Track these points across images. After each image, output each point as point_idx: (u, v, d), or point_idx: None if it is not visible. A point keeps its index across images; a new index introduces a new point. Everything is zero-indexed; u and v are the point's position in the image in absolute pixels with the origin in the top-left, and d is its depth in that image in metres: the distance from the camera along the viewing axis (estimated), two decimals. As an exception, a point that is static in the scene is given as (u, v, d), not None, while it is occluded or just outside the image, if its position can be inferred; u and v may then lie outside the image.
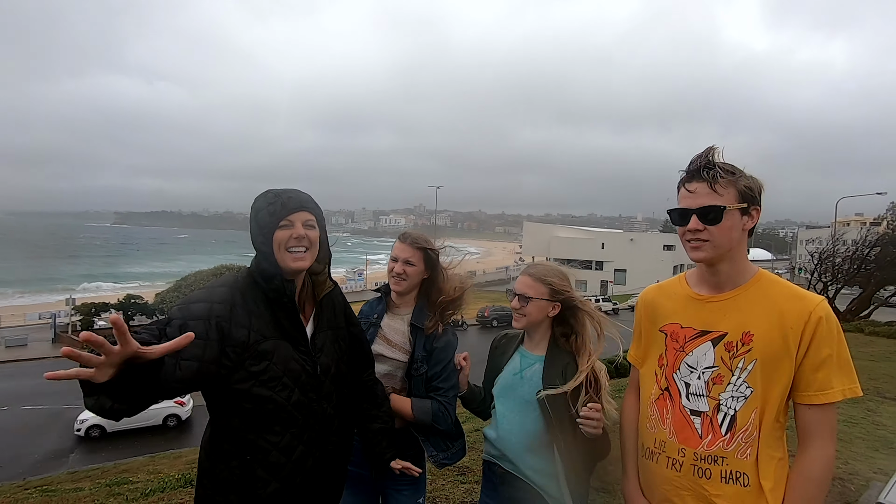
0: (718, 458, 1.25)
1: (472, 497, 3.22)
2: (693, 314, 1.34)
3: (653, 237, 63.50)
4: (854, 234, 19.50)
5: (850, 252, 18.65)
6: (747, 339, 1.24)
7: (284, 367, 1.35)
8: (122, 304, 27.90)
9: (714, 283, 1.33)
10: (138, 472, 7.95)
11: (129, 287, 43.90)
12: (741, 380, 1.24)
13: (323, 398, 1.43)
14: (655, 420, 1.37)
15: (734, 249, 1.27)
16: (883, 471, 3.98)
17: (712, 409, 1.27)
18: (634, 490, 1.45)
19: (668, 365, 1.37)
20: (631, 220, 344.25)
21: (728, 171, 1.24)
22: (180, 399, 14.78)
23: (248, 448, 1.32)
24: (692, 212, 1.25)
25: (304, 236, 1.38)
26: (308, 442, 1.39)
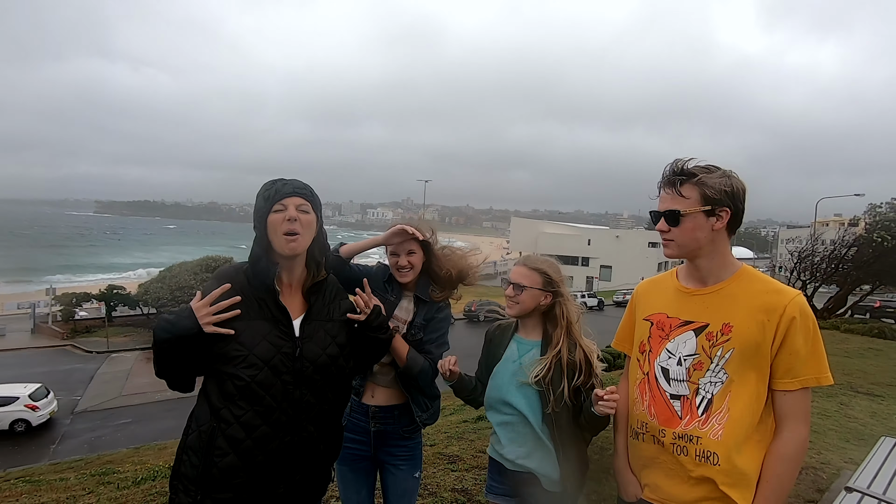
0: (694, 437, 1.35)
1: (462, 484, 3.31)
2: (679, 305, 1.45)
3: (638, 234, 64.25)
4: (833, 235, 19.99)
5: (829, 252, 19.14)
6: (727, 329, 1.34)
7: (251, 346, 1.40)
8: (104, 295, 27.42)
9: (698, 277, 1.43)
10: (123, 462, 7.92)
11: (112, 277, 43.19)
12: (719, 367, 1.34)
13: (302, 384, 1.44)
14: (639, 402, 1.48)
15: (706, 247, 1.37)
16: (853, 460, 4.16)
17: (692, 393, 1.37)
18: (623, 466, 1.56)
19: (651, 351, 1.47)
20: (617, 218, 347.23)
21: (692, 175, 1.34)
22: (33, 403, 14.37)
23: (214, 416, 1.40)
24: (660, 215, 1.39)
25: (295, 218, 1.42)
26: (275, 424, 1.40)
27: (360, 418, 1.96)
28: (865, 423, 5.58)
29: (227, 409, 1.38)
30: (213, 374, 1.42)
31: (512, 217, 74.71)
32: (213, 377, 1.42)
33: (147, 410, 15.72)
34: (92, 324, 27.25)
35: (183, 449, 1.44)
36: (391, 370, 1.95)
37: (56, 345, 24.53)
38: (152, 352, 1.45)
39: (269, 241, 1.45)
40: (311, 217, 1.48)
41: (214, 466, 1.37)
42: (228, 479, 1.37)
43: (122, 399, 17.08)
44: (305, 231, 1.45)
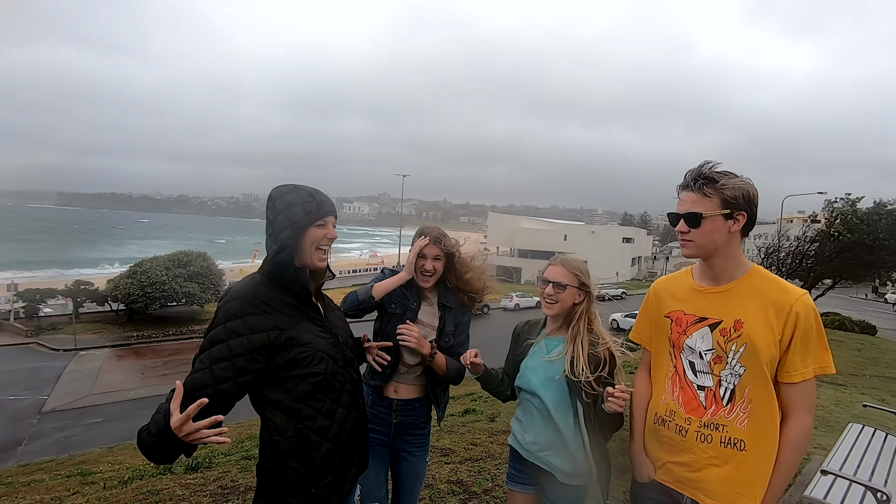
0: (720, 425, 1.45)
1: (457, 476, 3.38)
2: (695, 303, 1.54)
3: (612, 230, 65.51)
4: (797, 231, 20.83)
5: (793, 248, 19.94)
6: (738, 325, 1.44)
7: (313, 345, 1.49)
8: (71, 291, 26.49)
9: (712, 276, 1.53)
10: (98, 463, 7.72)
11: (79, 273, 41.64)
12: (735, 360, 1.44)
13: (348, 365, 1.61)
14: (668, 393, 1.57)
15: (722, 248, 1.47)
16: (822, 446, 4.41)
17: (715, 385, 1.47)
18: (640, 451, 1.66)
19: (675, 346, 1.57)
20: (592, 213, 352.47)
21: (713, 180, 1.43)
22: None
23: (294, 418, 1.47)
24: (680, 216, 1.47)
25: (334, 238, 1.58)
26: (346, 405, 1.56)
27: (382, 411, 2.09)
28: (831, 411, 5.90)
29: (307, 406, 1.49)
30: (278, 383, 1.47)
31: (489, 212, 75.05)
32: (278, 386, 1.47)
33: (120, 409, 15.29)
34: (58, 321, 26.25)
35: (275, 462, 1.48)
36: (416, 370, 2.08)
37: (19, 342, 23.54)
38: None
39: (298, 251, 1.51)
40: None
41: (316, 459, 1.48)
42: (329, 464, 1.51)
43: (92, 398, 16.55)
44: (330, 250, 1.62)
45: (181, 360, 20.49)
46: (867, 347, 13.80)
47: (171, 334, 24.65)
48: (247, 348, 1.39)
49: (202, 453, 5.52)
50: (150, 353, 21.56)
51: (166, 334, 24.60)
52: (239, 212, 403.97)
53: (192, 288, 26.12)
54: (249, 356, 1.39)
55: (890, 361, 11.79)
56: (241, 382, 1.39)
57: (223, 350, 1.38)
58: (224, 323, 1.41)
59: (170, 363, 20.05)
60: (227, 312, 1.42)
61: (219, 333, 1.40)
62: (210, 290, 27.24)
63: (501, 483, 3.25)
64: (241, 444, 6.59)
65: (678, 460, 1.53)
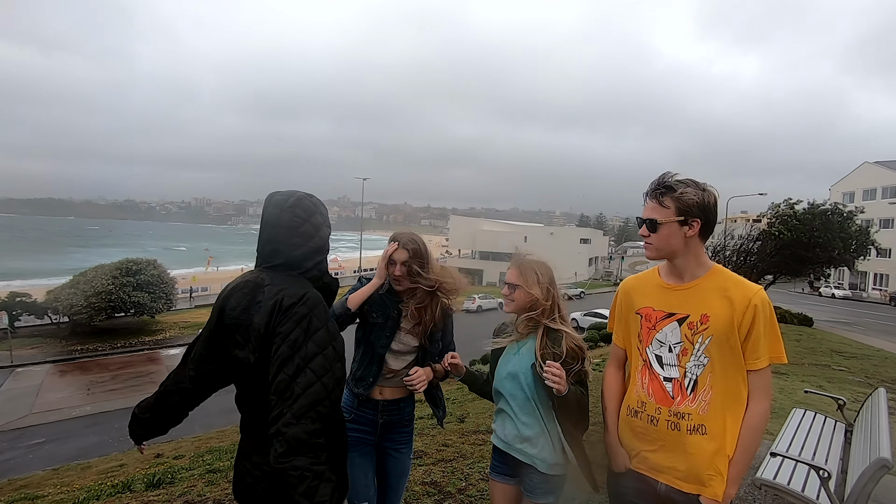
0: (685, 414, 1.56)
1: (431, 477, 3.41)
2: (663, 299, 1.66)
3: (571, 231, 67.23)
4: (741, 230, 22.06)
5: (738, 246, 21.12)
6: (704, 319, 1.56)
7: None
8: (5, 303, 24.59)
9: (677, 275, 1.65)
10: (42, 486, 7.25)
11: (12, 284, 38.77)
12: (701, 351, 1.56)
13: None
14: (639, 385, 1.67)
15: (681, 250, 1.59)
16: (770, 431, 4.71)
17: (681, 376, 1.58)
18: (614, 441, 1.75)
19: (644, 341, 1.67)
20: (550, 215, 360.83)
21: (672, 189, 1.56)
22: None
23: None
24: (642, 221, 1.62)
25: None
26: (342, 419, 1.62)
27: (368, 412, 2.12)
28: (776, 399, 6.30)
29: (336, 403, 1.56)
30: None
31: (451, 215, 75.45)
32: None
33: (63, 428, 14.36)
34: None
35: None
36: (402, 373, 2.12)
37: (-54, 361, 21.73)
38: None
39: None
40: None
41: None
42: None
43: (32, 417, 15.45)
44: None
45: (130, 373, 19.44)
46: (805, 338, 14.79)
47: (119, 347, 23.33)
48: (343, 347, 1.45)
49: (161, 469, 5.29)
50: (96, 368, 20.32)
51: (113, 347, 23.25)
52: (191, 217, 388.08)
53: (142, 297, 24.85)
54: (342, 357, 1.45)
55: (825, 350, 12.69)
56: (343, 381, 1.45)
57: (333, 352, 1.38)
58: (325, 326, 1.38)
59: (118, 377, 18.97)
60: (321, 315, 1.39)
61: (323, 336, 1.36)
62: (161, 300, 26.01)
63: (475, 482, 3.31)
64: (202, 458, 6.36)
65: (651, 448, 1.63)
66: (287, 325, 1.34)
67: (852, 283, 43.37)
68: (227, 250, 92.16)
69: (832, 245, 19.35)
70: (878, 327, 22.62)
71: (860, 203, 35.53)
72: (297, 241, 1.48)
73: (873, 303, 37.15)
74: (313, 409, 1.26)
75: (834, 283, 42.16)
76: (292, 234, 1.48)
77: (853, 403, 5.02)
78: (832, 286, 41.21)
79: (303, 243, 1.49)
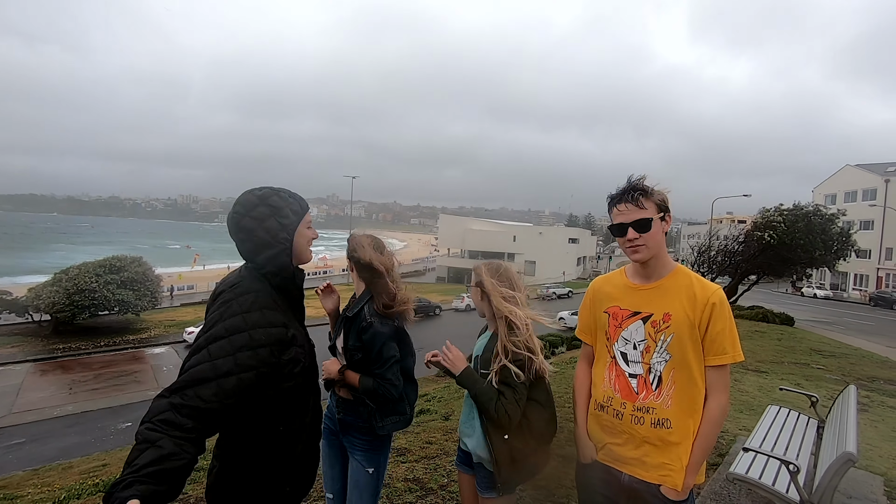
0: (650, 408, 1.62)
1: (413, 474, 3.44)
2: (629, 299, 1.72)
3: (559, 231, 67.63)
4: (726, 231, 22.41)
5: (723, 246, 21.45)
6: (667, 318, 1.62)
7: (304, 345, 1.55)
8: (-16, 302, 24.16)
9: (644, 275, 1.71)
10: (22, 487, 7.15)
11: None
12: (663, 349, 1.62)
13: (313, 363, 1.64)
14: (606, 381, 1.73)
15: (663, 247, 1.66)
16: (746, 428, 4.83)
17: (645, 372, 1.64)
18: (583, 434, 1.81)
19: (611, 338, 1.73)
20: (539, 215, 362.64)
21: (644, 190, 1.61)
22: None
23: (281, 417, 1.49)
24: (628, 225, 1.62)
25: (317, 237, 1.66)
26: (315, 404, 1.64)
27: (332, 405, 2.17)
28: (755, 396, 6.44)
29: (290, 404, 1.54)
30: (280, 380, 1.47)
31: (440, 214, 75.40)
32: (275, 384, 1.47)
33: (44, 428, 14.14)
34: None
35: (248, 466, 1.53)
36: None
37: (-78, 360, 21.24)
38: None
39: (294, 252, 1.56)
40: None
41: (294, 458, 1.57)
42: (302, 461, 1.61)
43: (12, 417, 15.18)
44: None
45: (114, 372, 19.18)
46: (786, 337, 15.06)
47: (103, 345, 23.00)
48: (267, 340, 1.37)
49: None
50: (78, 367, 20.01)
51: (97, 345, 22.92)
52: (177, 214, 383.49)
53: (126, 295, 24.53)
54: (270, 349, 1.37)
55: (805, 349, 12.95)
56: (261, 374, 1.34)
57: (245, 339, 1.32)
58: (242, 313, 1.36)
59: (101, 377, 18.72)
60: (244, 303, 1.38)
61: (237, 323, 1.34)
62: (146, 298, 25.69)
63: (456, 478, 3.35)
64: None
65: (616, 441, 1.69)
66: (212, 309, 1.42)
67: (833, 284, 44.25)
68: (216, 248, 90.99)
69: (814, 246, 19.73)
70: (858, 327, 23.13)
71: (841, 205, 36.29)
72: (241, 237, 1.50)
73: (853, 303, 37.94)
74: (191, 388, 1.21)
75: (815, 283, 43.00)
76: (236, 229, 1.51)
77: (827, 400, 5.15)
78: (814, 286, 42.02)
79: (245, 238, 1.49)
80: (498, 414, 1.79)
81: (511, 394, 1.81)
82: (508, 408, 1.79)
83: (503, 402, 1.80)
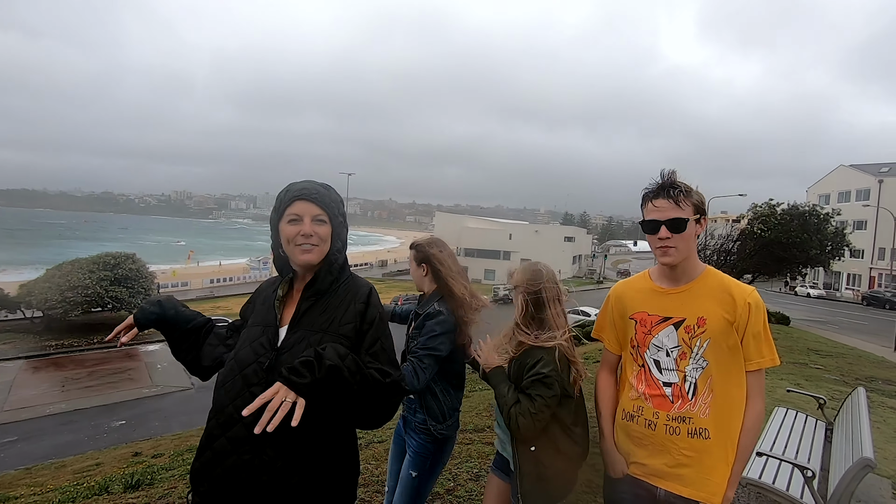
0: (686, 418, 1.54)
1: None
2: (657, 304, 1.63)
3: (555, 229, 67.71)
4: (722, 230, 22.46)
5: (718, 245, 21.50)
6: (701, 322, 1.54)
7: (237, 350, 1.42)
8: (-25, 297, 23.85)
9: (673, 278, 1.62)
10: (14, 486, 7.03)
11: (-18, 277, 37.47)
12: (699, 355, 1.53)
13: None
14: (635, 390, 1.64)
15: (694, 251, 1.57)
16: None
17: (680, 380, 1.56)
18: (611, 447, 1.72)
19: (640, 346, 1.64)
20: (534, 213, 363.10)
21: (686, 189, 1.53)
22: None
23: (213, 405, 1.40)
24: (661, 223, 1.52)
25: (307, 233, 1.38)
26: (233, 438, 1.30)
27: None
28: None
29: (212, 411, 1.36)
30: None
31: (436, 212, 75.32)
32: None
33: (37, 426, 13.95)
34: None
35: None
36: None
37: (-89, 356, 20.95)
38: None
39: (280, 252, 1.45)
40: (327, 229, 1.42)
41: (192, 466, 1.37)
42: (195, 482, 1.34)
43: (4, 415, 14.97)
44: (323, 244, 1.41)
45: (107, 370, 18.99)
46: (782, 336, 15.11)
47: (96, 342, 22.77)
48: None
49: (139, 469, 5.17)
50: (71, 364, 19.81)
51: (90, 342, 22.68)
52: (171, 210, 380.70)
53: (121, 292, 24.30)
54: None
55: (802, 349, 12.99)
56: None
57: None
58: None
59: (95, 374, 18.53)
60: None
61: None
62: (141, 295, 25.45)
63: (463, 482, 3.29)
64: (181, 457, 6.23)
65: (648, 453, 1.60)
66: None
67: (826, 283, 44.54)
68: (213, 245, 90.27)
69: (809, 245, 19.82)
70: (852, 326, 23.29)
71: (835, 205, 36.51)
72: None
73: (847, 302, 38.19)
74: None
75: (809, 282, 43.24)
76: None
77: (831, 402, 5.12)
78: (807, 286, 42.26)
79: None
80: (510, 420, 1.73)
81: (527, 404, 1.72)
82: (520, 420, 1.71)
83: (517, 409, 1.72)
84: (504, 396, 1.77)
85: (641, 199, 1.59)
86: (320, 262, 1.43)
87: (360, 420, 1.36)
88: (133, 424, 13.15)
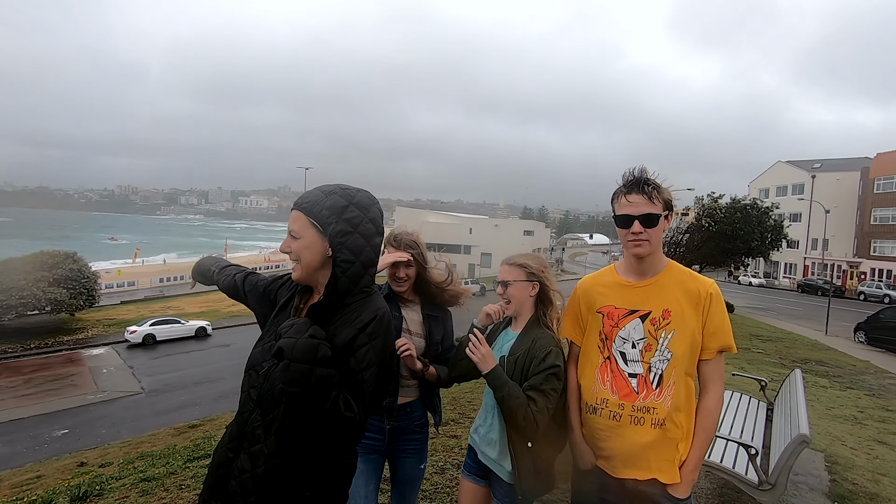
0: (650, 408, 1.59)
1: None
2: (624, 297, 1.68)
3: (514, 223, 68.71)
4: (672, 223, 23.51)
5: (668, 238, 22.46)
6: (666, 314, 1.60)
7: (253, 348, 1.42)
8: None
9: (639, 272, 1.67)
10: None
11: None
12: (664, 346, 1.59)
13: (261, 405, 1.29)
14: (599, 382, 1.68)
15: (660, 245, 1.64)
16: (699, 411, 5.06)
17: (645, 371, 1.61)
18: (579, 439, 1.75)
19: (608, 339, 1.68)
20: (494, 207, 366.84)
21: (657, 186, 1.58)
22: None
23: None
24: (635, 218, 1.56)
25: (286, 250, 1.33)
26: (229, 436, 1.33)
27: (375, 417, 2.02)
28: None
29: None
30: None
31: (396, 206, 74.85)
32: None
33: (-32, 439, 12.97)
34: None
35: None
36: (412, 382, 2.06)
37: None
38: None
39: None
40: (302, 242, 1.31)
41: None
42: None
43: (-73, 429, 13.84)
44: (301, 259, 1.32)
45: (46, 376, 17.80)
46: (727, 323, 16.03)
47: (33, 347, 21.32)
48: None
49: (86, 480, 4.88)
50: (5, 372, 18.42)
51: (26, 348, 21.21)
52: (114, 206, 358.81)
53: (60, 294, 22.82)
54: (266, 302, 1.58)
55: (745, 335, 13.81)
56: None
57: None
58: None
59: (32, 381, 17.32)
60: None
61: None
62: (82, 296, 24.00)
63: (429, 476, 3.29)
64: (133, 465, 5.94)
65: (614, 444, 1.64)
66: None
67: (766, 272, 47.44)
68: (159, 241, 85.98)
69: (751, 237, 21.06)
70: (789, 312, 24.96)
71: (774, 198, 38.96)
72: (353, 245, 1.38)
73: (784, 290, 40.91)
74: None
75: (751, 272, 45.90)
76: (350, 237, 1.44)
77: (772, 383, 5.47)
78: (749, 275, 44.85)
79: (359, 247, 1.39)
80: (526, 421, 1.66)
81: (543, 401, 1.68)
82: (538, 417, 1.65)
83: (534, 409, 1.66)
84: (515, 398, 1.67)
85: (613, 193, 1.62)
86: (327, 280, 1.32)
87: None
88: (77, 433, 12.42)
